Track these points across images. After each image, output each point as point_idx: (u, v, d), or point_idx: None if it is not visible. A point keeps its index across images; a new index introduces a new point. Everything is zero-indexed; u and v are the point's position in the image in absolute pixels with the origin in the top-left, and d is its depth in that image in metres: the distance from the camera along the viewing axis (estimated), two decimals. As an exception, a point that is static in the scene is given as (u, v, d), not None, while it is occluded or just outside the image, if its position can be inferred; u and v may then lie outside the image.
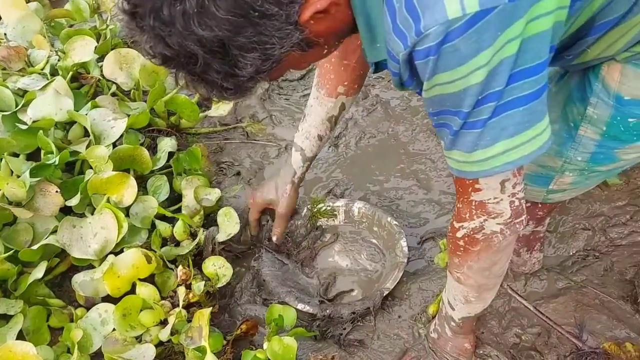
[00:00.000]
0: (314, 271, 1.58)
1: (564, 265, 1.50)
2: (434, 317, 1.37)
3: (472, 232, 0.96)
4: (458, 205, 0.96)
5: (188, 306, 1.39)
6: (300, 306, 1.42)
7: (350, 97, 1.31)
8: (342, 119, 1.36)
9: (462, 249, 1.00)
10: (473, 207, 0.93)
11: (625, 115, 0.97)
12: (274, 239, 1.51)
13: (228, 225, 1.50)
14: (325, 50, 0.89)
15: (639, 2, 0.82)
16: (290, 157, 1.42)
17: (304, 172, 1.44)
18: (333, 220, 1.66)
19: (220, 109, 1.84)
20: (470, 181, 0.89)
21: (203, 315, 1.26)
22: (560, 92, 1.09)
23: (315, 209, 1.65)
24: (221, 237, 1.50)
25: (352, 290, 1.52)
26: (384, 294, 1.42)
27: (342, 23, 0.84)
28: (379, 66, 0.92)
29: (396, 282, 1.43)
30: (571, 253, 1.52)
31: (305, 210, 1.65)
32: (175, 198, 1.67)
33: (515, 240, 1.01)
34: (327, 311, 1.40)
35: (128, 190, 1.48)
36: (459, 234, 0.98)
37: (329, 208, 1.65)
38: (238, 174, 1.85)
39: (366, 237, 1.62)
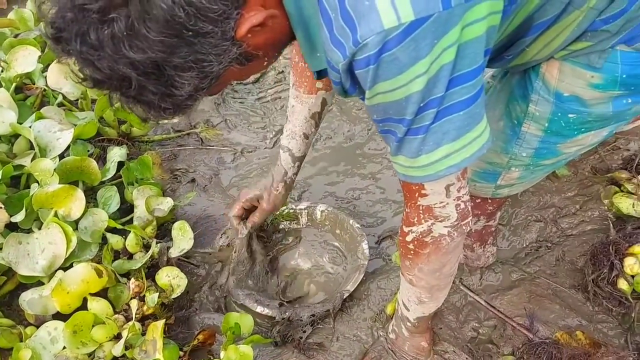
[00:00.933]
0: (275, 274, 1.56)
1: (517, 258, 1.52)
2: (391, 317, 1.37)
3: (420, 236, 0.97)
4: (406, 210, 0.97)
5: (143, 319, 1.36)
6: (259, 309, 1.40)
7: (330, 92, 1.31)
8: (325, 115, 1.36)
9: (412, 252, 1.01)
10: (420, 211, 0.94)
11: (565, 111, 0.99)
12: (248, 225, 1.44)
13: (182, 240, 1.47)
14: (266, 62, 0.87)
15: (573, 2, 0.84)
16: (280, 159, 1.41)
17: (296, 172, 1.43)
18: (296, 223, 1.65)
19: (172, 115, 1.80)
20: (417, 186, 0.90)
21: (157, 328, 1.23)
22: (504, 90, 1.11)
23: (278, 212, 1.63)
24: (174, 252, 1.46)
25: (313, 293, 1.51)
26: (344, 296, 1.42)
27: (280, 34, 0.83)
28: (322, 74, 0.92)
29: (356, 284, 1.43)
30: (524, 245, 1.55)
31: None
32: (127, 209, 1.63)
33: (464, 239, 1.02)
34: (287, 314, 1.39)
35: (76, 204, 1.44)
36: (408, 238, 0.99)
37: (291, 211, 1.64)
38: (193, 180, 1.82)
39: (329, 240, 1.62)
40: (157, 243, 1.48)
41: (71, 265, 1.38)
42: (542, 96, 1.00)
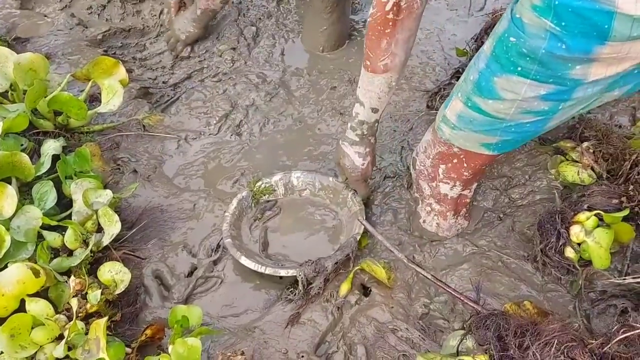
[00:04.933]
0: (276, 246, 1.58)
1: (472, 230, 1.52)
2: (345, 297, 1.37)
3: (397, 1, 1.16)
4: None
5: (87, 317, 1.30)
6: (282, 272, 1.41)
7: None
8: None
9: (390, 22, 1.19)
10: None
11: (510, 33, 1.02)
12: None
13: (109, 225, 1.43)
14: None
15: None
16: None
17: None
18: (274, 195, 1.67)
19: (110, 104, 1.73)
20: None
21: (99, 326, 1.18)
22: None
23: (255, 188, 1.65)
24: (105, 239, 1.42)
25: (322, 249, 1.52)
26: (358, 239, 1.45)
27: None
28: None
29: (363, 227, 1.47)
30: (481, 215, 1.55)
31: (245, 192, 1.64)
32: (67, 204, 1.56)
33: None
34: (312, 267, 1.39)
35: (7, 201, 1.36)
36: (387, 7, 1.17)
37: (267, 185, 1.66)
38: (135, 171, 1.75)
39: (313, 202, 1.65)
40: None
41: (6, 266, 1.31)
42: (507, 14, 1.05)
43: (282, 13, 2.40)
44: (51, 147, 1.55)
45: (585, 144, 1.55)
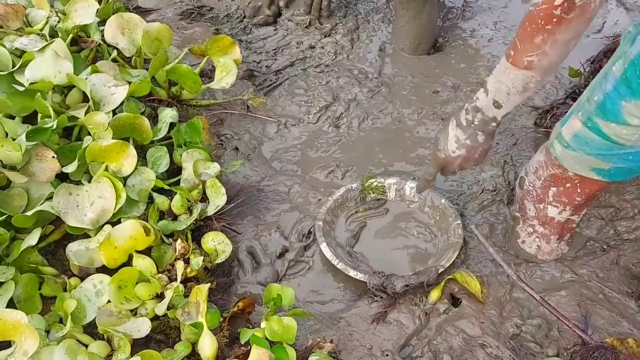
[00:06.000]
0: (362, 245, 1.58)
1: (573, 257, 1.48)
2: (434, 304, 1.36)
3: None
4: None
5: (185, 281, 1.36)
6: (352, 273, 1.42)
7: None
8: None
9: (555, 19, 1.03)
10: None
11: None
12: None
13: (216, 197, 1.49)
14: None
15: None
16: None
17: None
18: (383, 196, 1.67)
19: (223, 81, 1.78)
20: None
21: (201, 291, 1.23)
22: None
23: (367, 184, 1.65)
24: (210, 210, 1.47)
25: (401, 265, 1.52)
26: (439, 271, 1.41)
27: None
28: None
29: (450, 261, 1.43)
30: (582, 243, 1.50)
31: (355, 185, 1.66)
32: (174, 171, 1.63)
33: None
34: (381, 281, 1.39)
35: (127, 160, 1.44)
36: (557, 2, 1.01)
37: (379, 184, 1.66)
38: (236, 149, 1.81)
39: (417, 217, 1.63)
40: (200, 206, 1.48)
41: (118, 221, 1.38)
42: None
43: (391, 10, 2.40)
44: (169, 114, 1.62)
45: None
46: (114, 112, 1.54)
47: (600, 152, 1.16)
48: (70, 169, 1.40)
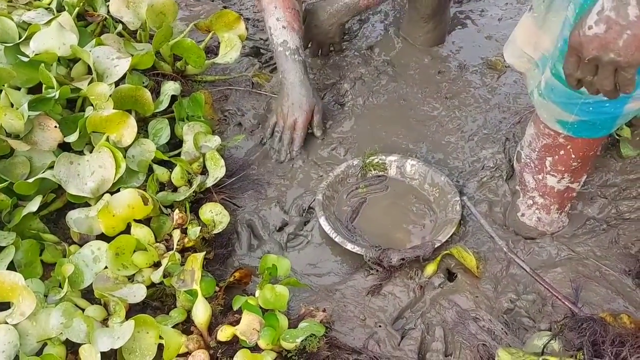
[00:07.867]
0: (361, 220, 1.59)
1: (571, 234, 1.46)
2: (429, 277, 1.37)
3: None
4: None
5: (183, 251, 1.38)
6: (349, 246, 1.43)
7: None
8: None
9: None
10: None
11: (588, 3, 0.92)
12: None
13: (215, 169, 1.51)
14: None
15: None
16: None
17: None
18: (384, 173, 1.67)
19: (227, 56, 1.79)
20: None
21: (196, 259, 1.25)
22: None
23: (368, 160, 1.66)
24: (209, 181, 1.49)
25: (400, 239, 1.52)
26: (435, 245, 1.42)
27: None
28: None
29: (448, 236, 1.44)
30: (582, 222, 1.49)
31: (356, 161, 1.66)
32: (175, 144, 1.65)
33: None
34: (377, 254, 1.40)
35: (128, 130, 1.45)
36: None
37: (380, 161, 1.66)
38: (239, 125, 1.82)
39: (417, 194, 1.63)
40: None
41: (118, 191, 1.41)
42: None
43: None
44: (171, 87, 1.64)
45: None
46: (117, 85, 1.56)
47: (562, 99, 1.16)
48: (72, 138, 1.42)
